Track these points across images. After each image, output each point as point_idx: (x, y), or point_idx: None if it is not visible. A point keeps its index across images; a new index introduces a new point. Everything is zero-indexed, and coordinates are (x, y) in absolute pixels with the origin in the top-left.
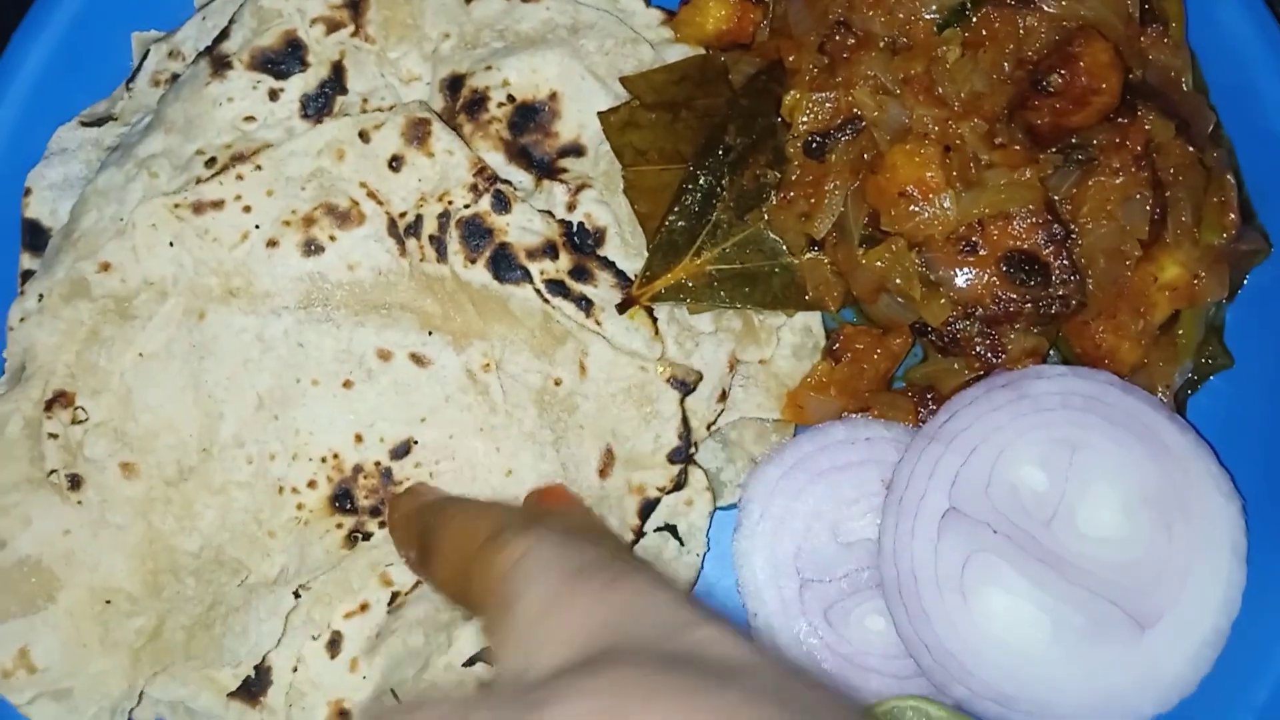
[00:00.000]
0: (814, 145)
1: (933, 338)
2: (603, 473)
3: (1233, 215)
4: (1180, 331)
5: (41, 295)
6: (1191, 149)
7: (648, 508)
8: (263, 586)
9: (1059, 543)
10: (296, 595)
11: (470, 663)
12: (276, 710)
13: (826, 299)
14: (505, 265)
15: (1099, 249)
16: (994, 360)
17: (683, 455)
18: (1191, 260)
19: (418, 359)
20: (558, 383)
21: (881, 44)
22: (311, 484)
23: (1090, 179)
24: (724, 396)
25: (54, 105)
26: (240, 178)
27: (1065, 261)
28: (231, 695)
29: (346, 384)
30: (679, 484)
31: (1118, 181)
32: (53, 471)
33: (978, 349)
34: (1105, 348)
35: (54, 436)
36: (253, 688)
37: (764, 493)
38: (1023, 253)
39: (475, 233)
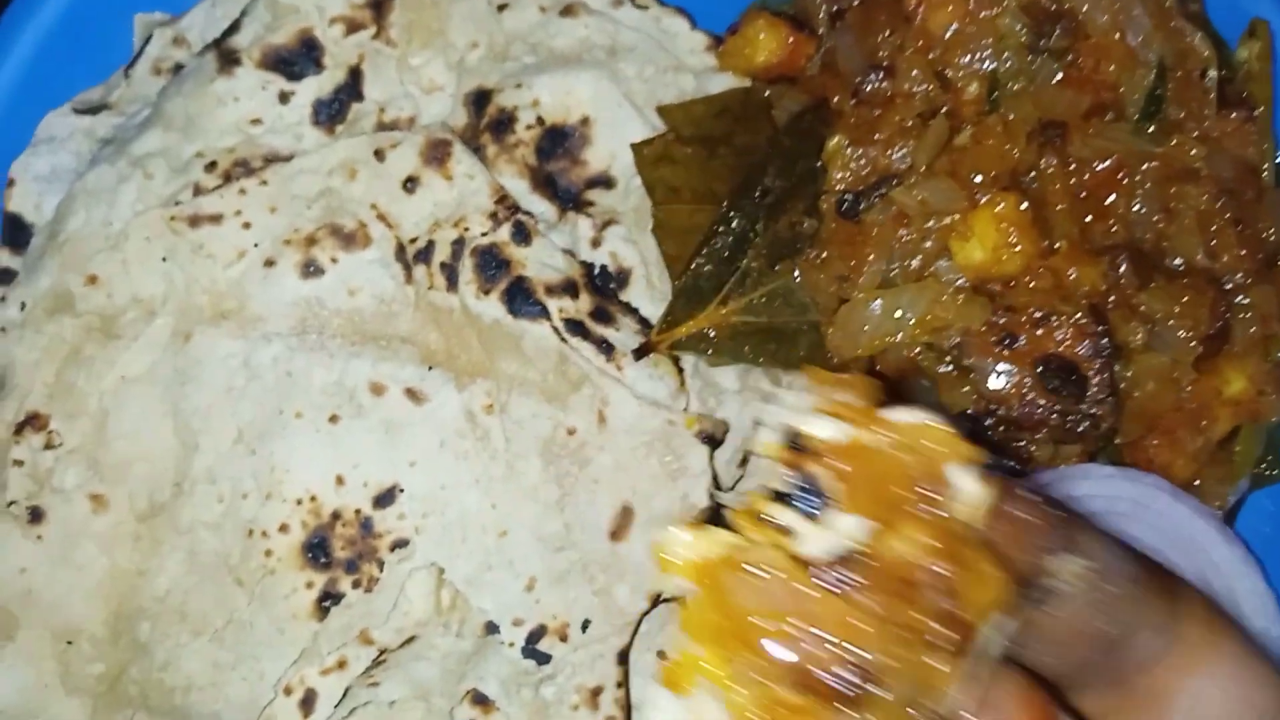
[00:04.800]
0: (845, 205)
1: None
2: (615, 534)
3: None
4: (1238, 448)
5: (24, 304)
6: (1261, 256)
7: None
8: (230, 665)
9: None
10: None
11: None
12: None
13: (852, 368)
14: (522, 299)
15: (1148, 373)
16: (1018, 470)
17: (714, 516)
18: (1259, 374)
19: (414, 395)
20: (571, 432)
21: (918, 102)
22: (284, 528)
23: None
24: (745, 461)
25: (46, 88)
26: (243, 192)
27: (1105, 378)
28: None
29: (333, 419)
30: None
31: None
32: (12, 503)
33: (1002, 454)
34: (1158, 463)
35: (19, 464)
36: None
37: None
38: (1062, 359)
39: (491, 263)
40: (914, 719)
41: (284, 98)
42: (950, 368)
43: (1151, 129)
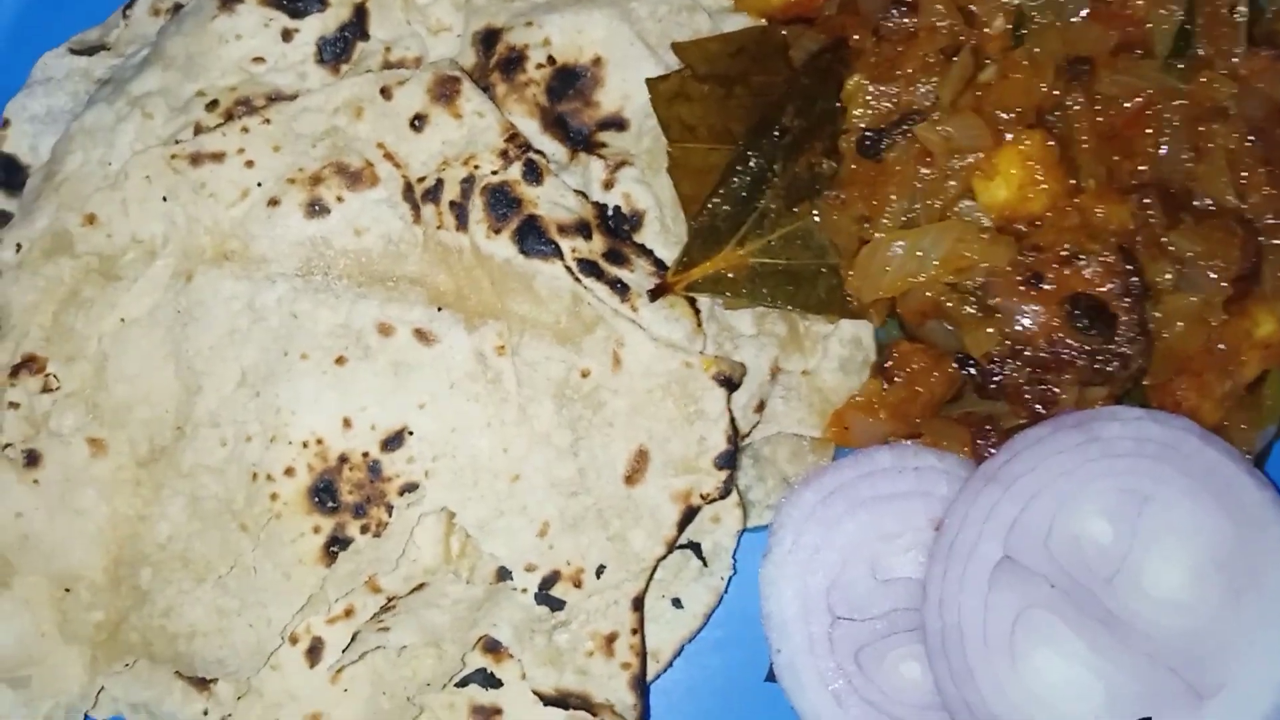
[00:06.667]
0: (868, 143)
1: (974, 373)
2: (630, 479)
3: None
4: (1268, 393)
5: (20, 246)
6: None
7: (689, 516)
8: (235, 611)
9: (1120, 603)
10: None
11: (464, 684)
12: (224, 701)
13: (872, 310)
14: (534, 238)
15: (1177, 313)
16: (1043, 413)
17: (731, 460)
18: None
19: (423, 336)
20: (585, 374)
21: (941, 37)
22: (289, 471)
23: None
24: (761, 407)
25: (42, 28)
26: (246, 130)
27: (1135, 318)
28: (179, 674)
29: (340, 360)
30: (725, 491)
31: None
32: (7, 446)
33: (1027, 397)
34: (1185, 407)
35: (15, 406)
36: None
37: (798, 519)
38: (1091, 299)
39: (502, 201)
40: None
41: (287, 35)
42: (975, 309)
43: (1180, 66)
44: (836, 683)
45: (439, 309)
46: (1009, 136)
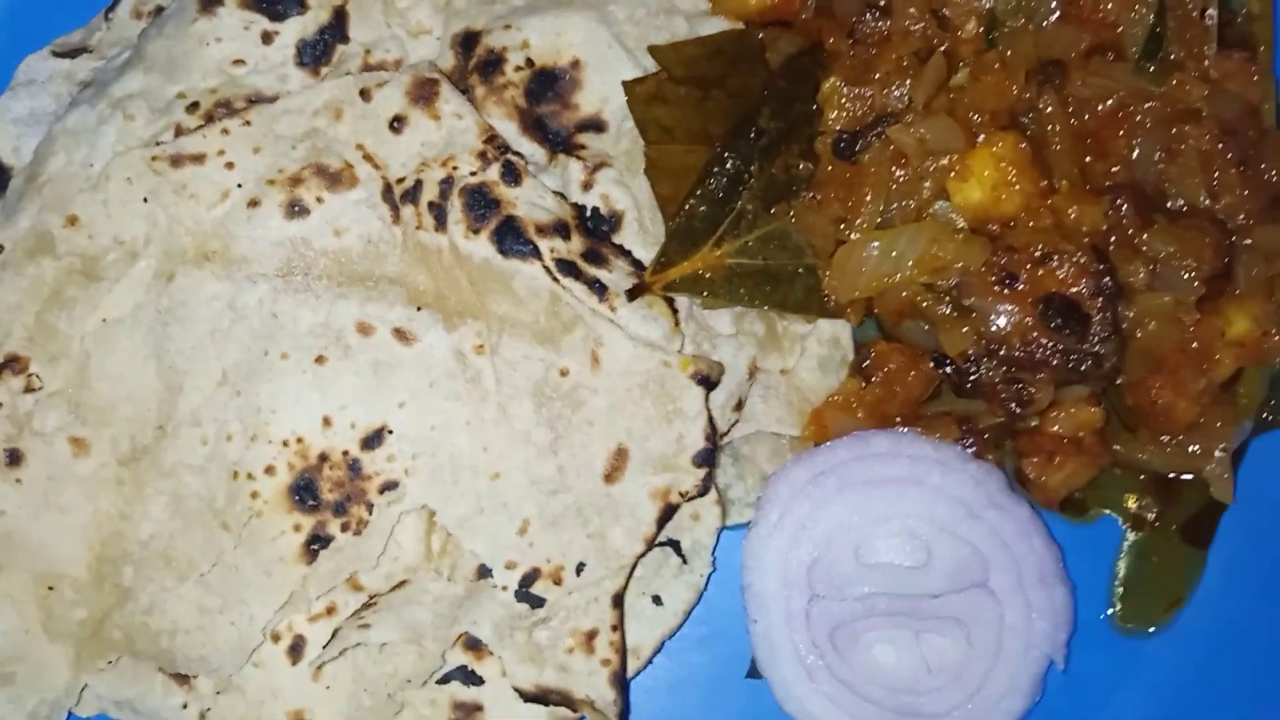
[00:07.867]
0: (843, 145)
1: (950, 372)
2: (609, 477)
3: None
4: (1242, 390)
5: (3, 246)
6: (1265, 196)
7: (668, 513)
8: (217, 609)
9: None
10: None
11: (445, 680)
12: (204, 695)
13: (849, 310)
14: (512, 238)
15: (1150, 312)
16: (1018, 411)
17: (709, 458)
18: (1264, 315)
19: (402, 335)
20: (564, 373)
21: (915, 40)
22: (269, 470)
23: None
24: (740, 406)
25: (24, 31)
26: (226, 132)
27: (1108, 317)
28: (162, 671)
29: (319, 360)
30: (704, 489)
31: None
32: None
33: (1002, 396)
34: (1161, 404)
35: None
36: None
37: (787, 495)
38: (1064, 298)
39: (480, 202)
40: None
41: (267, 38)
42: (950, 309)
43: (1152, 69)
44: (809, 658)
45: (418, 308)
46: (982, 138)
